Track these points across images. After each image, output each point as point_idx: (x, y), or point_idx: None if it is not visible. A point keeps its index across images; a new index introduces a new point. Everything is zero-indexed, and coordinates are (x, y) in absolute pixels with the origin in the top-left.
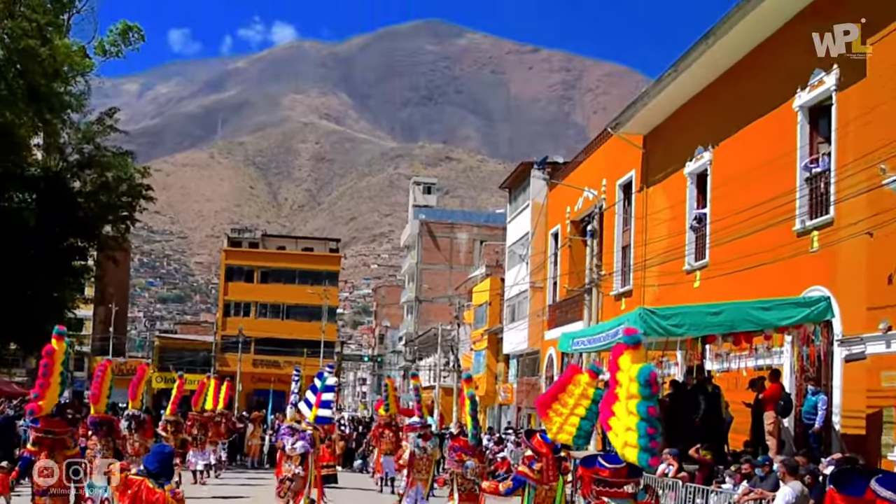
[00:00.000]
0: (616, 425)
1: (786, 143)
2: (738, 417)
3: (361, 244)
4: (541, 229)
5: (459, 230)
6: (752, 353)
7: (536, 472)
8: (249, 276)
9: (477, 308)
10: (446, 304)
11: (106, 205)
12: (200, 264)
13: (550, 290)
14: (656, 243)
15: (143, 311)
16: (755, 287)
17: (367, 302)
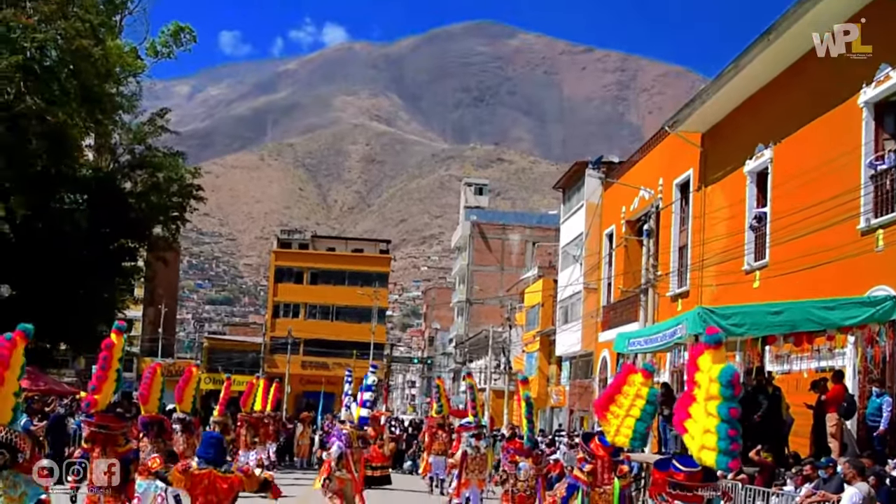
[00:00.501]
0: (692, 428)
1: (850, 140)
2: (798, 420)
3: (411, 246)
4: (595, 230)
5: (511, 231)
6: (814, 355)
7: (587, 474)
8: (299, 278)
9: (529, 309)
10: (497, 305)
11: (156, 205)
12: (249, 266)
13: (605, 291)
14: (714, 243)
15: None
16: (817, 287)
17: (417, 304)
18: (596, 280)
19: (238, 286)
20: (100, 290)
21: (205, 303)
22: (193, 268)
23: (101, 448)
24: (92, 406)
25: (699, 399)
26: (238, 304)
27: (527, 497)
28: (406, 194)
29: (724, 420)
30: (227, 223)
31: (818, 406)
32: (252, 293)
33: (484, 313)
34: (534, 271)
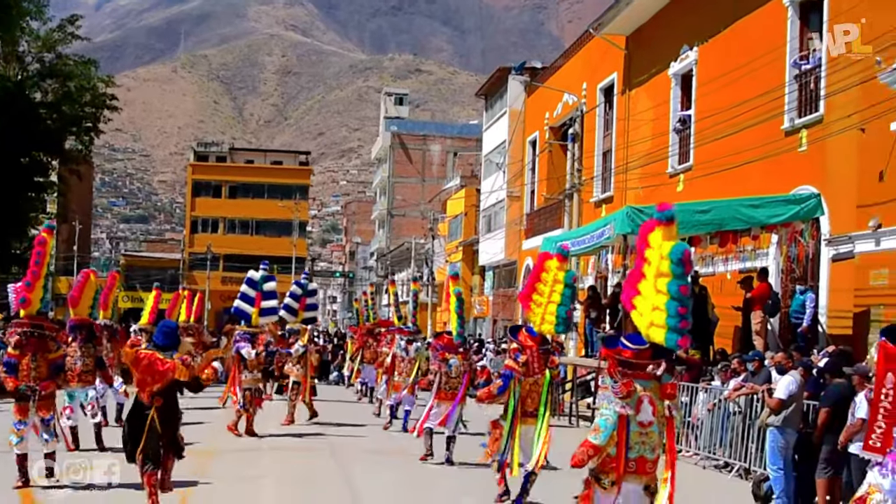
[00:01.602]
0: (641, 304)
1: (775, 39)
2: (722, 321)
3: (330, 160)
4: (518, 137)
5: (432, 142)
6: (738, 256)
7: (521, 364)
8: (217, 191)
9: (451, 220)
10: (419, 217)
11: (69, 116)
12: (164, 183)
13: (528, 198)
14: (638, 145)
15: (106, 232)
16: (741, 188)
17: (336, 219)
18: (519, 187)
19: (153, 203)
20: (11, 205)
21: (119, 221)
22: (106, 185)
23: (31, 353)
24: (26, 304)
25: (648, 276)
26: (154, 221)
27: (456, 392)
28: (324, 107)
29: (674, 297)
30: (141, 138)
31: (744, 304)
32: (168, 210)
33: (406, 225)
34: (456, 181)
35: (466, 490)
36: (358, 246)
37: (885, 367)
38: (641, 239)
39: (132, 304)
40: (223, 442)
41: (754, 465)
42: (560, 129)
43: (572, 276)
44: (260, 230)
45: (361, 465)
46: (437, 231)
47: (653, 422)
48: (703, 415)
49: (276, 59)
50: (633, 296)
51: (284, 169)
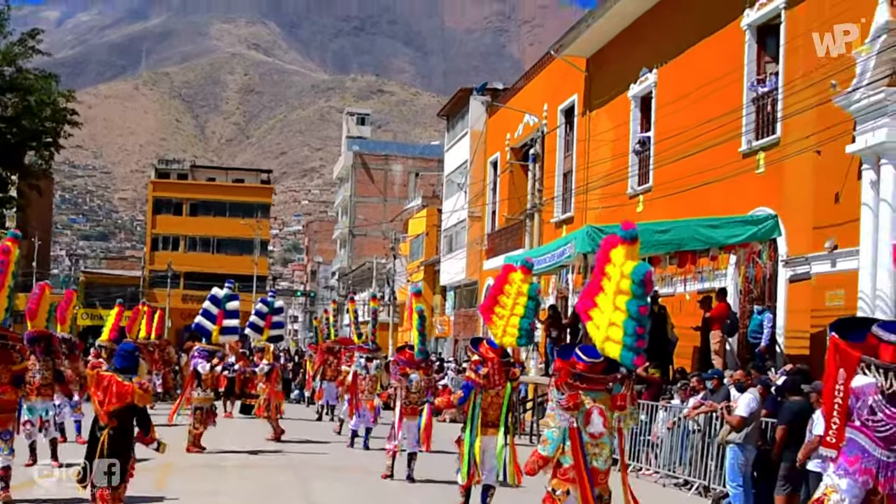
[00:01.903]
0: (598, 318)
1: (732, 62)
2: (681, 341)
3: (292, 179)
4: (479, 157)
5: (394, 162)
6: (697, 276)
7: (483, 376)
8: (178, 209)
9: (413, 240)
10: (380, 237)
11: (29, 130)
12: (125, 200)
13: (489, 218)
14: (598, 166)
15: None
16: (700, 209)
17: (298, 239)
18: (480, 208)
19: (113, 221)
20: None
21: (79, 238)
22: (66, 202)
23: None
24: None
25: (607, 291)
26: (114, 239)
27: (418, 408)
28: (286, 126)
29: (632, 317)
30: (101, 155)
31: (703, 323)
32: (128, 228)
33: (367, 245)
34: (417, 201)
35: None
36: (319, 265)
37: (836, 362)
38: (603, 253)
39: (91, 322)
40: (180, 458)
41: (714, 483)
42: (521, 150)
43: (536, 288)
44: (221, 248)
45: (322, 481)
46: (399, 251)
47: (603, 433)
48: (662, 433)
49: (239, 77)
50: (589, 307)
51: (246, 187)
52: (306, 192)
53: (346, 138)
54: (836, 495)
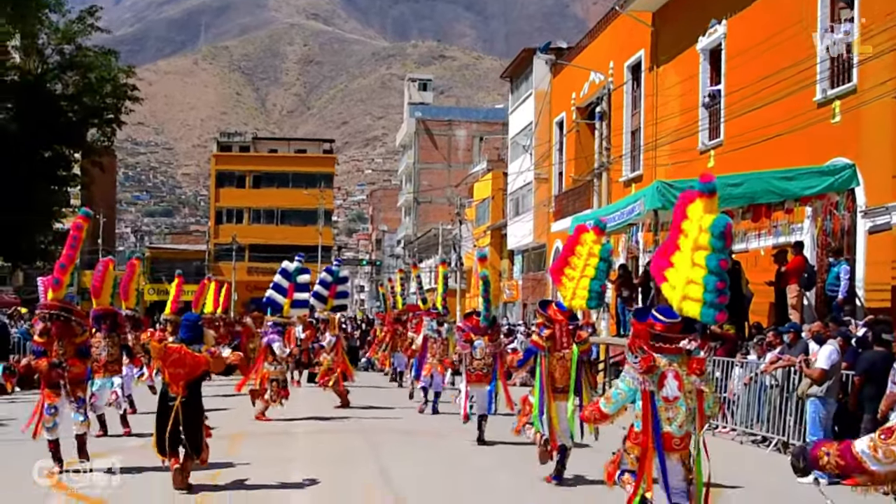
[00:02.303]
0: (674, 277)
1: (804, 9)
2: (756, 298)
3: (354, 149)
4: (545, 119)
5: (458, 127)
6: (772, 231)
7: (546, 339)
8: (241, 181)
9: (478, 204)
10: (445, 203)
11: (90, 107)
12: (188, 176)
13: (556, 180)
14: (667, 122)
15: (131, 227)
16: (773, 162)
17: (362, 208)
18: (547, 169)
19: (177, 197)
20: (35, 200)
21: (144, 215)
22: (130, 180)
23: (57, 339)
24: (59, 286)
25: (684, 248)
26: (178, 215)
27: (484, 375)
28: (347, 95)
29: (712, 271)
30: (163, 132)
31: (778, 278)
32: (192, 203)
33: (432, 212)
34: (482, 165)
35: (500, 466)
36: (384, 234)
37: None
38: (679, 210)
39: (158, 297)
40: (252, 426)
41: (793, 439)
42: (587, 109)
43: (608, 249)
44: (285, 219)
45: (393, 445)
46: (465, 216)
47: (679, 397)
48: (739, 390)
49: (298, 48)
50: (664, 268)
51: (308, 157)
52: (369, 162)
53: (408, 105)
54: None
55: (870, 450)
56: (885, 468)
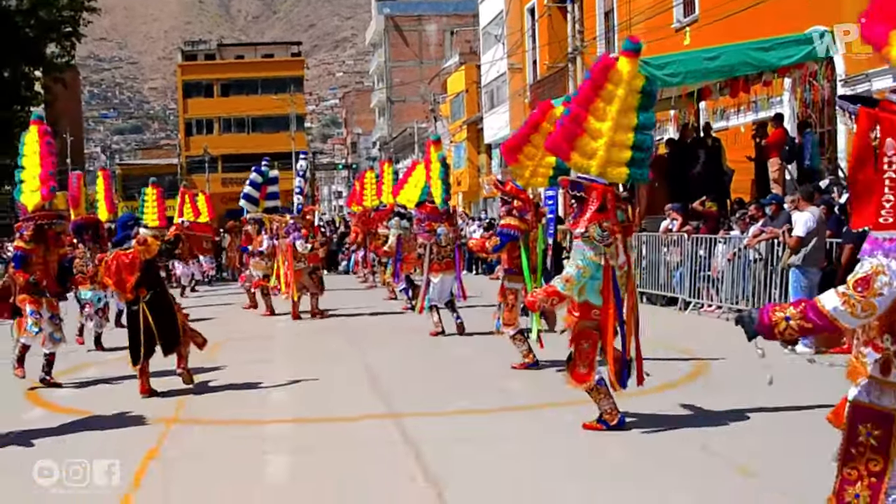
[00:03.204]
0: (590, 145)
1: None
2: (738, 176)
3: (324, 52)
4: (515, 6)
5: (427, 21)
6: (751, 107)
7: (520, 219)
8: (209, 91)
9: (453, 100)
10: (420, 101)
11: (47, 21)
12: (155, 90)
13: (530, 69)
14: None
15: (100, 146)
16: (750, 35)
17: (335, 113)
18: (520, 58)
19: (146, 112)
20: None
21: (113, 133)
22: (96, 98)
23: (44, 246)
24: (52, 194)
25: (606, 113)
26: (148, 130)
27: (450, 262)
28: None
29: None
30: (126, 45)
31: (759, 151)
32: (161, 117)
33: (406, 111)
34: (454, 59)
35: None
36: (359, 137)
37: (876, 135)
38: (596, 73)
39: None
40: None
41: None
42: None
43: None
44: (256, 127)
45: (372, 341)
46: (439, 112)
47: (625, 263)
48: (723, 266)
49: None
50: (576, 136)
51: (276, 62)
52: (340, 64)
53: (375, 2)
54: (885, 277)
55: (844, 306)
56: (861, 321)
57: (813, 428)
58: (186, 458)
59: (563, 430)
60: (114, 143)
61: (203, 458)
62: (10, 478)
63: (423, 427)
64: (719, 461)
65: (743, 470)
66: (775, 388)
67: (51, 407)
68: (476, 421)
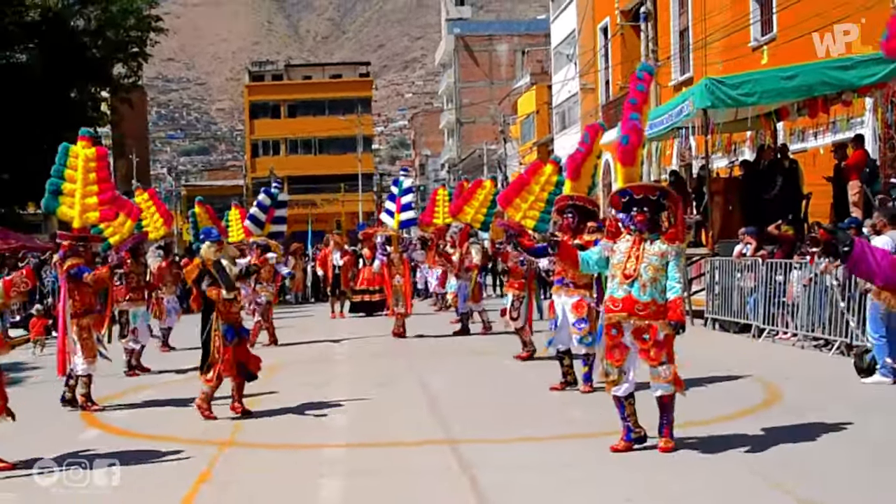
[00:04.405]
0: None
1: None
2: (815, 199)
3: (393, 73)
4: (588, 25)
5: (498, 42)
6: (830, 128)
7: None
8: (276, 112)
9: (523, 121)
10: (489, 122)
11: (114, 42)
12: (222, 111)
13: (602, 89)
14: (717, 17)
15: (166, 167)
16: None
17: (404, 134)
18: (592, 78)
19: (213, 133)
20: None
21: (179, 154)
22: (163, 118)
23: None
24: (106, 203)
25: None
26: (215, 152)
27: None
28: (382, 16)
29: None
30: (194, 66)
31: (839, 173)
32: (228, 139)
33: (476, 132)
34: (525, 80)
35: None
36: (428, 158)
37: None
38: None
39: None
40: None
41: (856, 340)
42: (631, 11)
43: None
44: (323, 149)
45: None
46: (509, 133)
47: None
48: (798, 292)
49: None
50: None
51: (344, 82)
52: (409, 85)
53: (445, 21)
54: None
55: None
56: None
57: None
58: (238, 482)
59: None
60: (180, 164)
61: (255, 482)
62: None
63: (480, 453)
64: (784, 496)
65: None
66: (851, 416)
67: (106, 428)
68: (534, 448)
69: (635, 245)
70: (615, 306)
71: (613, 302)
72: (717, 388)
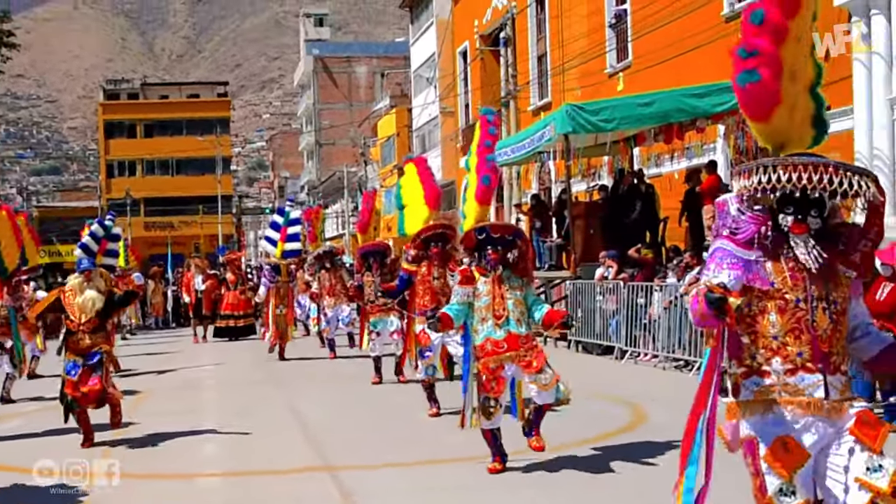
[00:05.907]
0: None
1: None
2: (671, 224)
3: (250, 93)
4: (447, 49)
5: (357, 63)
6: (685, 153)
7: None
8: (132, 131)
9: (384, 144)
10: (349, 144)
11: None
12: (74, 129)
13: (462, 113)
14: (574, 44)
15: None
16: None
17: (262, 156)
18: (452, 102)
19: (65, 153)
20: None
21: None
22: (12, 136)
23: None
24: None
25: None
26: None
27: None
28: (239, 36)
29: None
30: (45, 83)
31: (692, 198)
32: (81, 158)
33: (336, 155)
34: (385, 102)
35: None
36: (287, 180)
37: None
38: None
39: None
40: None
41: None
42: (491, 36)
43: None
44: (181, 170)
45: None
46: (369, 156)
47: None
48: (659, 313)
49: None
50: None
51: (202, 102)
52: (267, 105)
53: (304, 42)
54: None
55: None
56: None
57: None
58: None
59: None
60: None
61: None
62: None
63: (360, 480)
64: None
65: None
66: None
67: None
68: (410, 473)
69: (495, 284)
70: (500, 347)
71: (496, 344)
72: (583, 411)
